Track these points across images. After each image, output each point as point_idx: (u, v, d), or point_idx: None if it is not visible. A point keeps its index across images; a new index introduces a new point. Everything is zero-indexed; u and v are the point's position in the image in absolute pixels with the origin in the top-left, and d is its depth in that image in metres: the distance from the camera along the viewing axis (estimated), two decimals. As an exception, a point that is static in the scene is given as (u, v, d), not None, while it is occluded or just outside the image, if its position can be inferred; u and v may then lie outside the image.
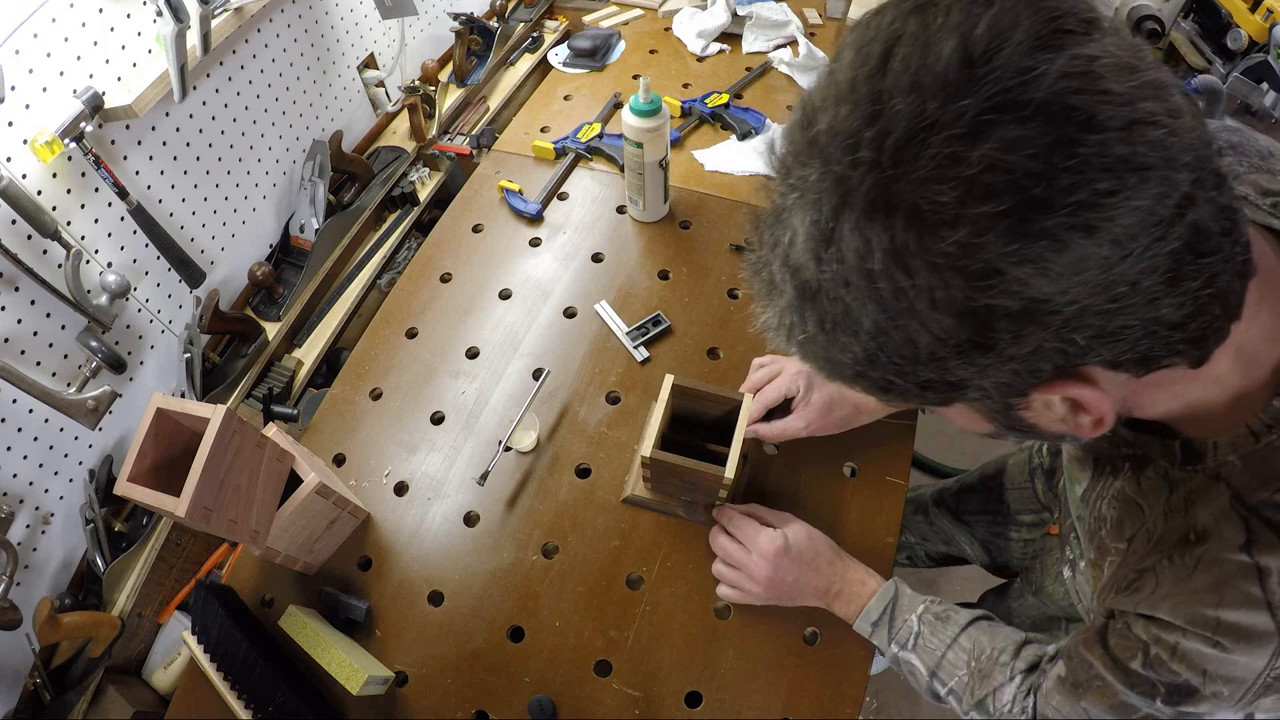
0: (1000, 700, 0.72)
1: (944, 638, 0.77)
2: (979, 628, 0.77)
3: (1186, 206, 0.35)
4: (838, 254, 0.36)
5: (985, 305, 0.35)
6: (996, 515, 1.21)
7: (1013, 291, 0.34)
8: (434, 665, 0.87)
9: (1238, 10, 1.52)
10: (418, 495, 0.99)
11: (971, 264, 0.34)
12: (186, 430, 0.80)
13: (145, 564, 1.10)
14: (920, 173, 0.34)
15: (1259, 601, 0.47)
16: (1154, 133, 0.34)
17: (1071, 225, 0.33)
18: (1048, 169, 0.33)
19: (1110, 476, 0.62)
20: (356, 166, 1.46)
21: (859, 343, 0.39)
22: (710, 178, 1.33)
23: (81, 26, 0.95)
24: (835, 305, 0.38)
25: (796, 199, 0.38)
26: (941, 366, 0.38)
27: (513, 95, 1.73)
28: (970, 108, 0.33)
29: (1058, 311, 0.35)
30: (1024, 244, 0.33)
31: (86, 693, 1.01)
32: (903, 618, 0.79)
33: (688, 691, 0.85)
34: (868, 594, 0.82)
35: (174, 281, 1.18)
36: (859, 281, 0.36)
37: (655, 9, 1.71)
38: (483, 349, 1.12)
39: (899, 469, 0.98)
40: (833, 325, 0.39)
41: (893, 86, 0.35)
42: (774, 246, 0.41)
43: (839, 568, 0.84)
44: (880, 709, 1.67)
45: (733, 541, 0.86)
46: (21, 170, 0.92)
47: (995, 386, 0.40)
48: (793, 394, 0.95)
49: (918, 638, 0.78)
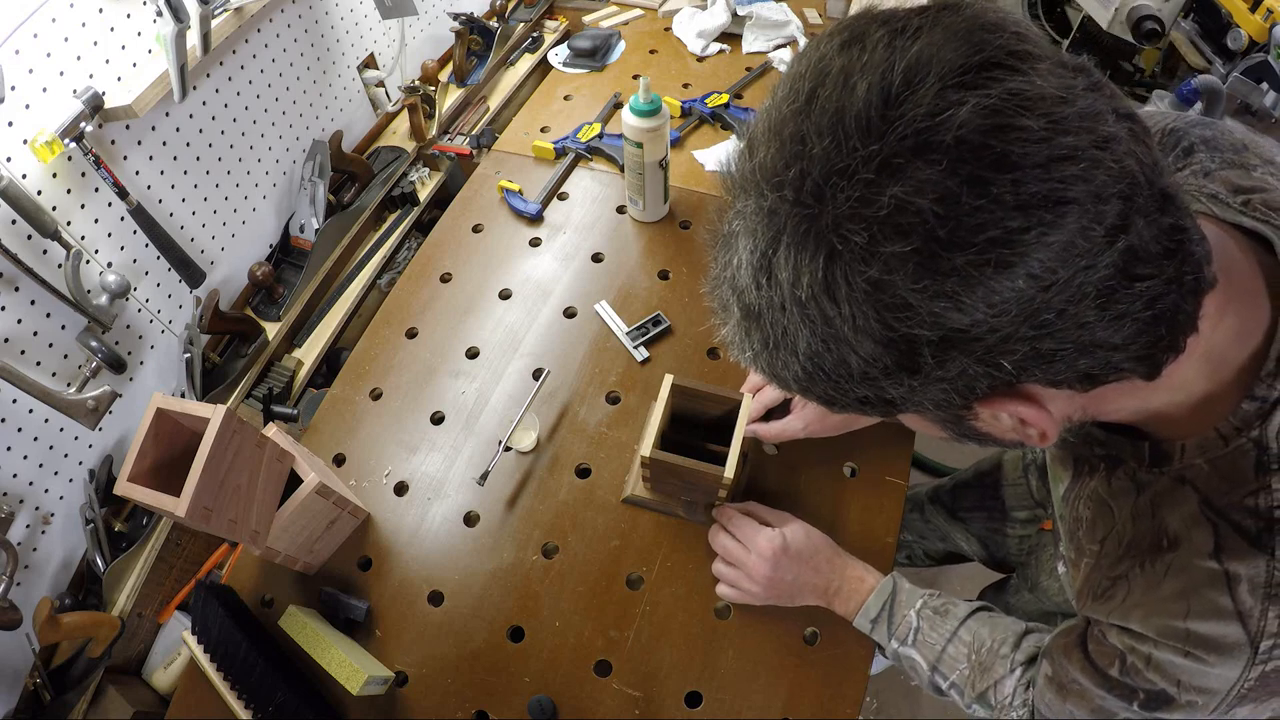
0: (1001, 693, 0.72)
1: (943, 632, 0.77)
2: (979, 620, 0.77)
3: (1118, 234, 0.35)
4: (774, 280, 0.39)
5: (904, 334, 0.36)
6: (992, 512, 1.22)
7: (927, 323, 0.36)
8: (434, 665, 0.87)
9: (1238, 10, 1.52)
10: (418, 495, 0.99)
11: (884, 298, 0.35)
12: (186, 430, 0.80)
13: (145, 564, 1.10)
14: (836, 212, 0.35)
15: (1228, 612, 0.47)
16: (1073, 168, 0.34)
17: (982, 262, 0.34)
18: (954, 210, 0.33)
19: (1088, 476, 0.62)
20: (356, 166, 1.46)
21: (798, 361, 0.41)
22: (710, 178, 1.33)
23: (81, 26, 0.95)
24: (775, 327, 0.40)
25: (740, 225, 0.40)
26: (874, 385, 0.40)
27: (513, 95, 1.73)
28: (880, 152, 0.34)
29: (979, 339, 0.36)
30: (933, 280, 0.34)
31: (86, 693, 1.01)
32: (901, 613, 0.79)
33: (688, 691, 0.85)
34: (866, 591, 0.82)
35: (174, 281, 1.18)
36: (792, 308, 0.38)
37: (655, 9, 1.71)
38: (483, 349, 1.12)
39: (899, 469, 0.98)
40: (774, 344, 0.41)
41: (814, 127, 0.36)
42: (724, 269, 0.43)
43: (837, 566, 0.84)
44: (880, 709, 1.67)
45: (732, 540, 0.86)
46: (21, 170, 0.92)
47: (932, 403, 0.41)
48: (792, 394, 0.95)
49: (917, 633, 0.78)
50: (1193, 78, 1.53)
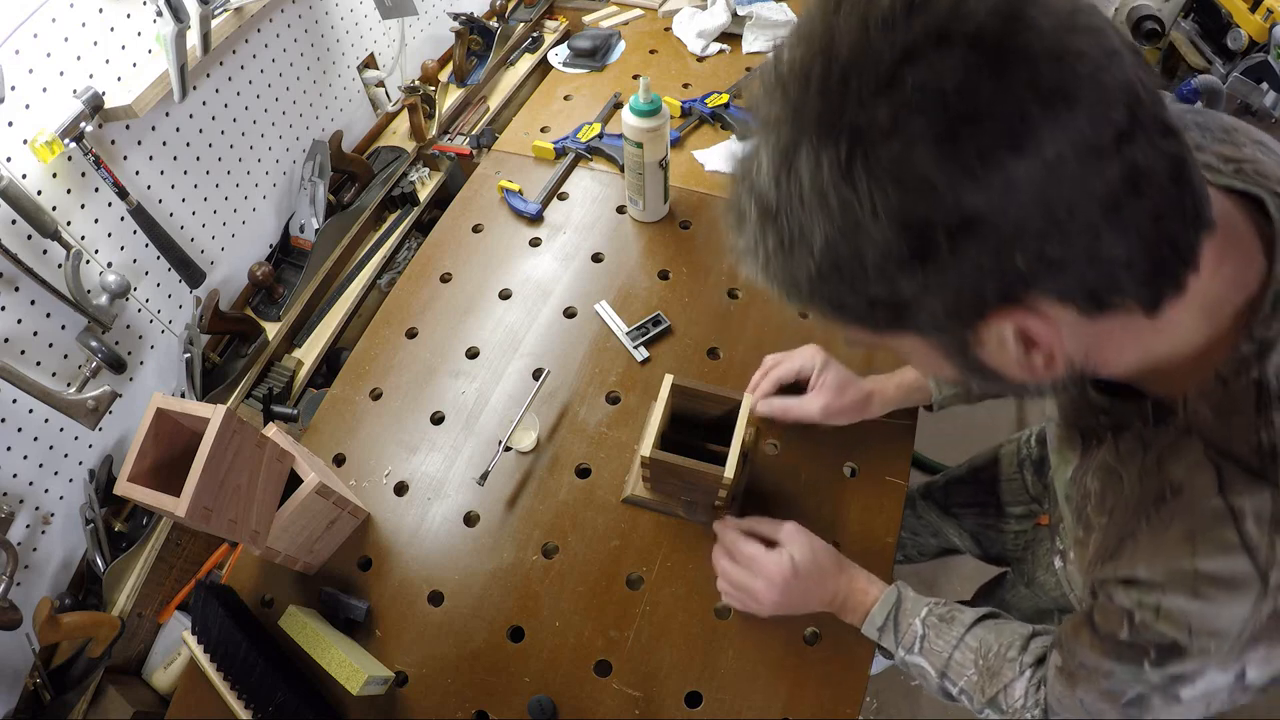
0: (1012, 697, 0.71)
1: (949, 639, 0.77)
2: (985, 626, 0.77)
3: (1123, 142, 0.37)
4: (795, 175, 0.40)
5: (923, 216, 0.37)
6: (986, 508, 1.22)
7: (947, 205, 0.37)
8: (434, 665, 0.87)
9: (1238, 10, 1.52)
10: (418, 495, 0.99)
11: (906, 175, 0.37)
12: (186, 430, 0.80)
13: (145, 564, 1.10)
14: (862, 95, 0.37)
15: (1235, 546, 0.47)
16: (1083, 67, 0.36)
17: (999, 143, 0.36)
18: (974, 91, 0.36)
19: (1096, 449, 0.62)
20: (356, 166, 1.46)
21: (813, 259, 0.41)
22: (710, 178, 1.33)
23: (81, 26, 0.95)
24: (792, 222, 0.41)
25: (763, 133, 0.42)
26: (889, 283, 0.40)
27: (513, 95, 1.73)
28: (903, 41, 0.36)
29: (995, 228, 0.37)
30: (953, 157, 0.36)
31: (86, 693, 1.01)
32: (907, 622, 0.79)
33: (688, 691, 0.85)
34: (871, 601, 0.82)
35: (174, 281, 1.18)
36: (812, 198, 0.39)
37: (655, 9, 1.71)
38: (483, 349, 1.12)
39: (899, 469, 0.98)
40: (790, 242, 0.42)
41: (842, 26, 0.38)
42: (744, 179, 0.44)
43: (843, 580, 0.83)
44: (880, 709, 1.67)
45: (736, 567, 0.84)
46: (21, 170, 0.92)
47: (943, 309, 0.42)
48: (806, 373, 0.96)
49: (923, 640, 0.78)
50: (1193, 78, 1.53)
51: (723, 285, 1.17)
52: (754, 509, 0.95)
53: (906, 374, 0.97)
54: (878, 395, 0.95)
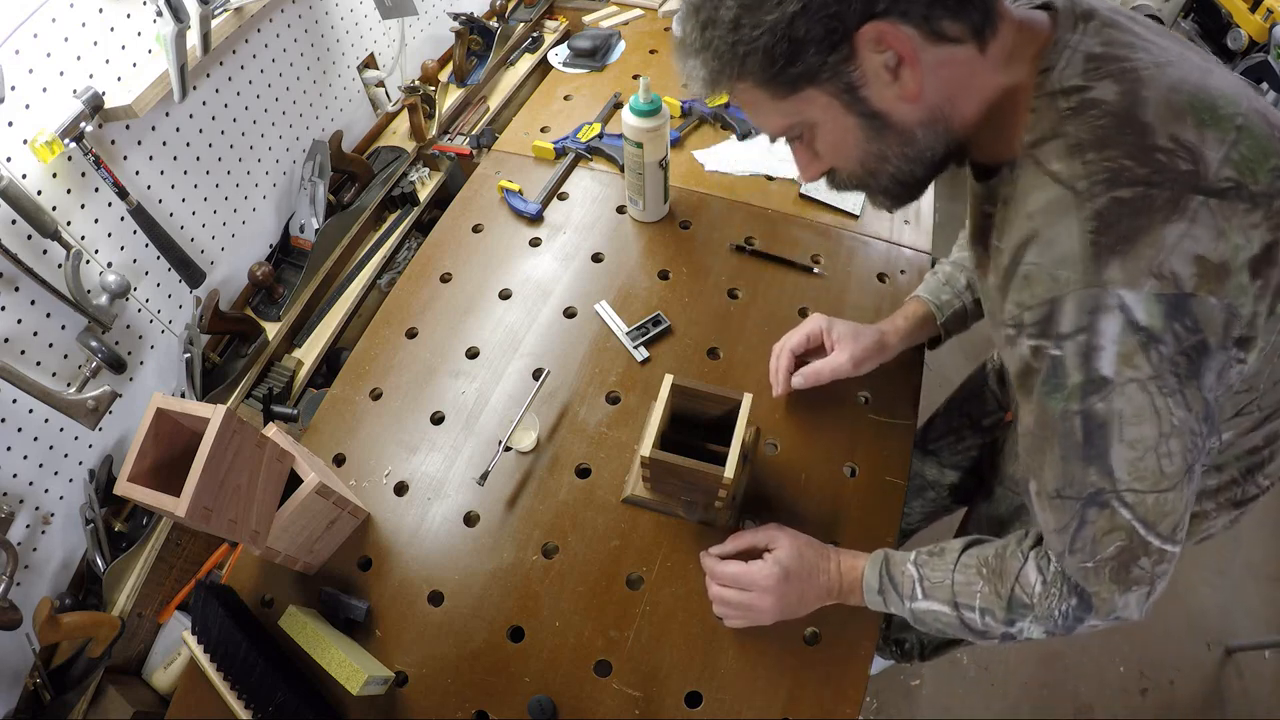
0: (1028, 584, 0.70)
1: (945, 567, 0.76)
2: (975, 547, 0.77)
3: None
4: None
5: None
6: (960, 431, 1.26)
7: None
8: (434, 665, 0.87)
9: (1238, 10, 1.52)
10: (418, 495, 0.99)
11: None
12: (186, 430, 0.80)
13: (145, 564, 1.10)
14: None
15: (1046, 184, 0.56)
16: None
17: None
18: None
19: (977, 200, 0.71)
20: (356, 166, 1.46)
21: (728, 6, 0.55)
22: (710, 178, 1.33)
23: (81, 26, 0.95)
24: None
25: None
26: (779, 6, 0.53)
27: (513, 95, 1.73)
28: None
29: None
30: None
31: (86, 693, 1.01)
32: (899, 570, 0.79)
33: (688, 691, 0.85)
34: (860, 572, 0.82)
35: (174, 281, 1.18)
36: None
37: (655, 9, 1.72)
38: (483, 349, 1.12)
39: (899, 469, 0.98)
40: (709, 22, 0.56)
41: None
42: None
43: (832, 566, 0.84)
44: (880, 709, 1.67)
45: (726, 589, 0.84)
46: (21, 170, 0.92)
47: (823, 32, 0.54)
48: (816, 339, 0.98)
49: (921, 582, 0.77)
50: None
51: (723, 285, 1.17)
52: (754, 509, 0.95)
53: (909, 307, 1.01)
54: (890, 332, 0.98)
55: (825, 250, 1.22)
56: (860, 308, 1.14)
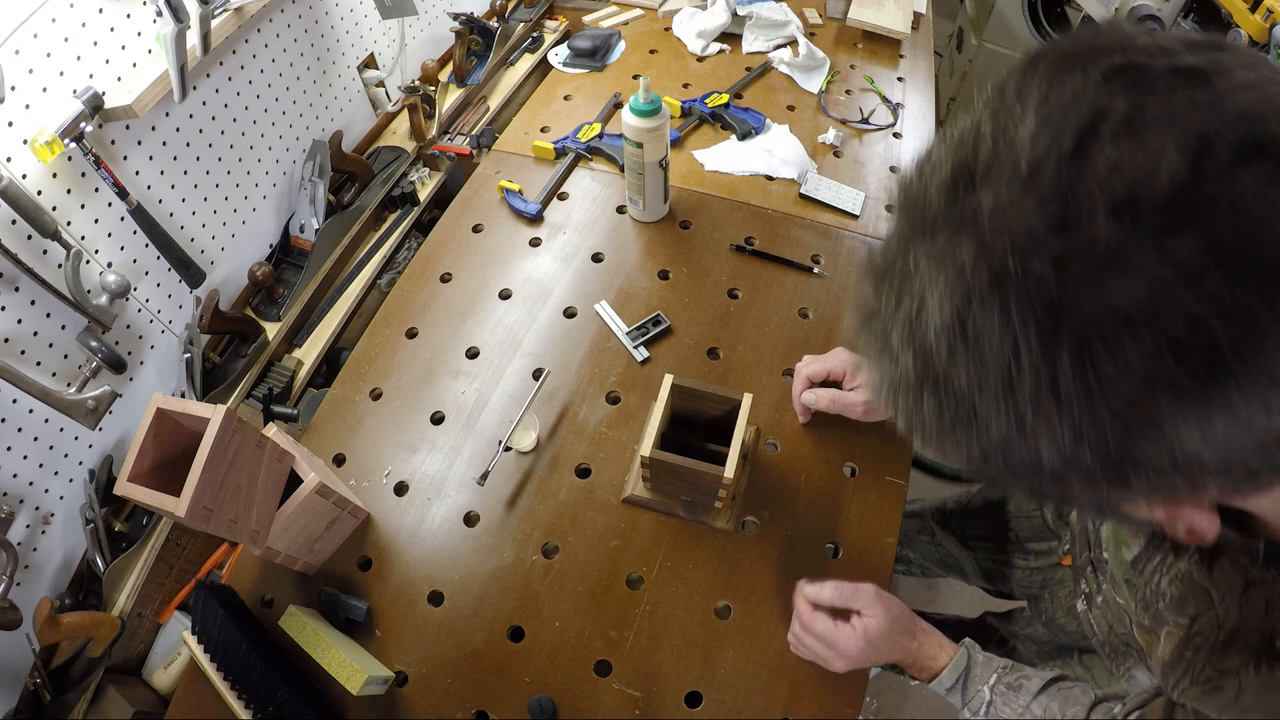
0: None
1: (1016, 707, 0.77)
2: (1049, 694, 0.77)
3: None
4: (977, 353, 0.32)
5: (1131, 453, 0.32)
6: (1003, 543, 1.20)
7: (1169, 448, 0.31)
8: (434, 665, 0.87)
9: (1238, 10, 1.52)
10: (418, 495, 0.99)
11: (1134, 416, 0.31)
12: (186, 430, 0.80)
13: (145, 564, 1.10)
14: (1105, 306, 0.29)
15: None
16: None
17: (1253, 400, 0.30)
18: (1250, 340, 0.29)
19: (1171, 554, 0.59)
20: (356, 166, 1.46)
21: (978, 445, 0.35)
22: (710, 178, 1.33)
23: (81, 26, 0.95)
24: (962, 405, 0.34)
25: (934, 269, 0.33)
26: (1062, 485, 0.35)
27: (513, 95, 1.73)
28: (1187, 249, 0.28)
29: (1202, 465, 0.32)
30: (1197, 410, 0.30)
31: (86, 693, 1.01)
32: (975, 688, 0.79)
33: (688, 691, 0.85)
34: (941, 666, 0.81)
35: (174, 281, 1.18)
36: (997, 390, 0.32)
37: (655, 9, 1.71)
38: (483, 349, 1.12)
39: (899, 469, 0.98)
40: (952, 421, 0.35)
41: (1094, 192, 0.29)
42: (895, 309, 0.36)
43: (914, 645, 0.82)
44: (880, 709, 1.67)
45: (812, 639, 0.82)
46: (21, 170, 0.92)
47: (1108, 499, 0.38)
48: (837, 375, 0.97)
49: (990, 706, 0.78)
50: (1193, 78, 1.52)
51: (723, 285, 1.17)
52: (754, 509, 0.95)
53: None
54: None
55: (825, 250, 1.22)
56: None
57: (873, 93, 1.51)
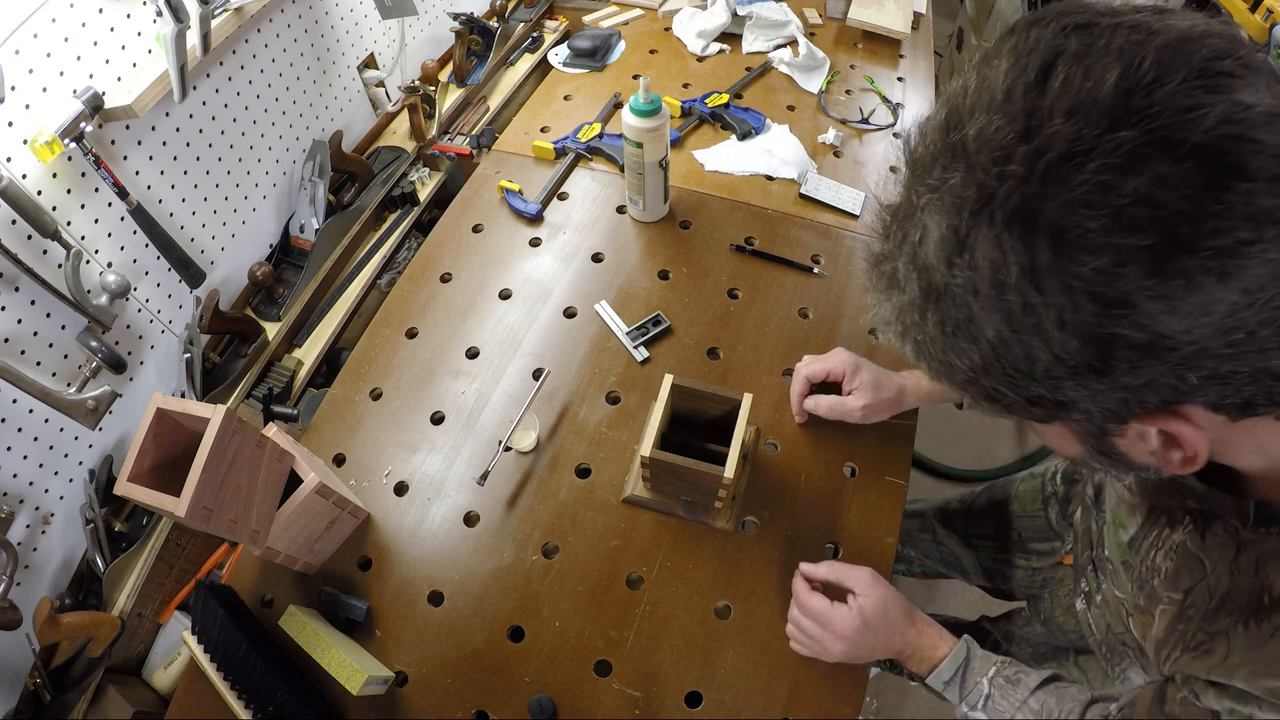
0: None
1: (1014, 700, 0.77)
2: (1047, 690, 0.77)
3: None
4: (970, 261, 0.37)
5: (1111, 334, 0.36)
6: (1005, 542, 1.20)
7: (1141, 324, 0.35)
8: (434, 665, 0.87)
9: (1238, 10, 1.52)
10: (418, 495, 0.99)
11: (1107, 292, 0.35)
12: (186, 430, 0.80)
13: (145, 564, 1.10)
14: (1070, 195, 0.34)
15: None
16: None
17: (1208, 269, 0.34)
18: (1196, 210, 0.33)
19: (1166, 528, 0.61)
20: (356, 166, 1.46)
21: (978, 350, 0.40)
22: (710, 178, 1.33)
23: (81, 26, 0.95)
24: (960, 310, 0.39)
25: (933, 199, 0.39)
26: (1055, 385, 0.39)
27: (513, 95, 1.73)
28: (1129, 140, 0.34)
29: (1177, 349, 0.36)
30: (1161, 280, 0.34)
31: (86, 693, 1.01)
32: (974, 680, 0.79)
33: (688, 691, 0.85)
34: (939, 657, 0.81)
35: (174, 281, 1.18)
36: (989, 291, 0.37)
37: (655, 9, 1.72)
38: (483, 349, 1.12)
39: (899, 469, 0.98)
40: (954, 329, 0.40)
41: (1052, 105, 0.36)
42: (901, 242, 0.41)
43: (912, 633, 0.82)
44: (880, 709, 1.67)
45: (806, 619, 0.83)
46: (21, 170, 0.92)
47: (1100, 411, 0.41)
48: (837, 375, 0.97)
49: (988, 699, 0.78)
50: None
51: (723, 285, 1.17)
52: (754, 509, 0.95)
53: None
54: (911, 390, 0.96)
55: (825, 250, 1.22)
56: (860, 308, 1.14)
57: (873, 93, 1.51)
